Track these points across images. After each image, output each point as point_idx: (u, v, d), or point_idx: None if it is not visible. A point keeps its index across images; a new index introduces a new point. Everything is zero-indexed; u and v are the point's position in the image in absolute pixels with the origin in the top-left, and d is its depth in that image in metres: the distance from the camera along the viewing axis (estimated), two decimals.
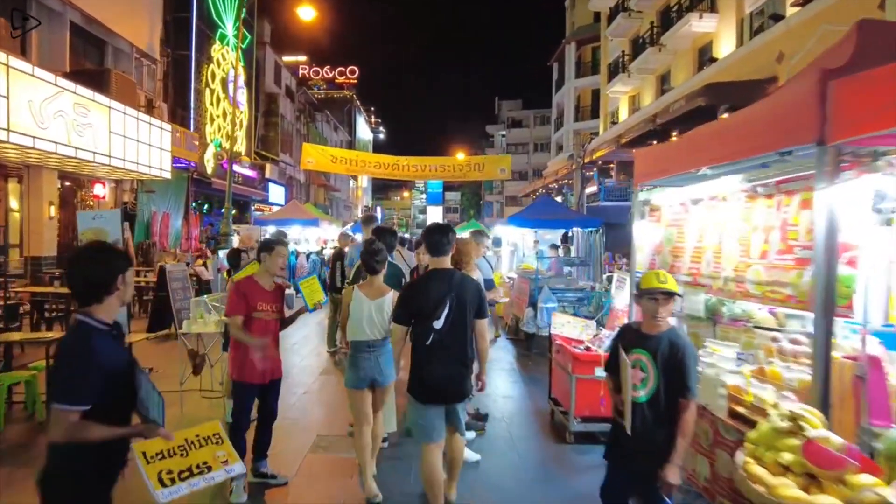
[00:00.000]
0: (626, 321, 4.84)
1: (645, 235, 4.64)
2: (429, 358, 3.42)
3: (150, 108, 17.04)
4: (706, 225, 3.98)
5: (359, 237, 9.00)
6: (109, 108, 12.26)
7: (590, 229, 10.80)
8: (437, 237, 3.61)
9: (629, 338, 3.00)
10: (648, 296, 2.87)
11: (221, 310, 6.23)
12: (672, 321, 3.87)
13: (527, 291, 7.87)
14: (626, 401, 2.83)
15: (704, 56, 19.65)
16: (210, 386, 6.54)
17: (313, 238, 18.70)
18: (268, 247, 4.34)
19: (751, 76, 14.81)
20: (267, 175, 27.41)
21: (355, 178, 56.26)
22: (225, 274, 13.88)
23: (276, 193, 28.61)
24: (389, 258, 4.37)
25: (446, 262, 3.62)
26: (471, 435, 4.97)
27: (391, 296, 3.89)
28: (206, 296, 7.32)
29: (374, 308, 3.87)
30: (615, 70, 27.14)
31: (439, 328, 3.38)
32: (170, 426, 2.29)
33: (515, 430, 5.60)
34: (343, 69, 58.21)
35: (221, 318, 5.97)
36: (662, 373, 2.81)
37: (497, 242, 10.65)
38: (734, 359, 3.48)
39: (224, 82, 22.28)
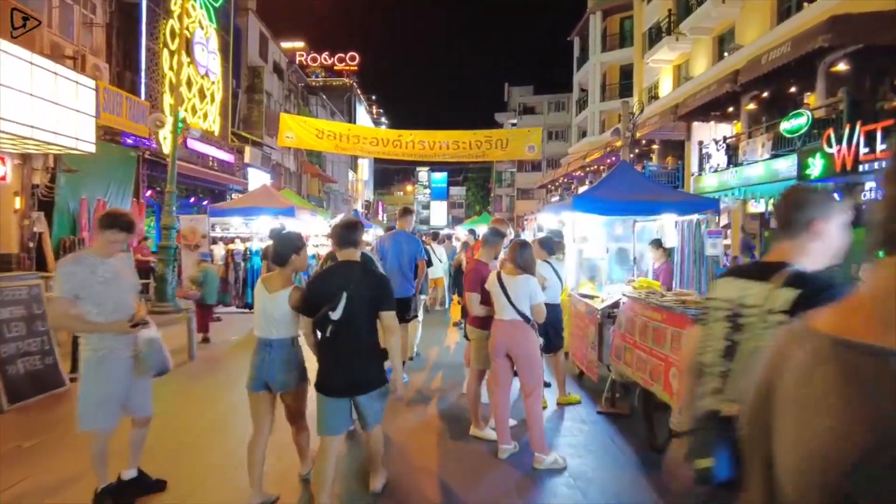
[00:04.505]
0: None
1: None
2: (327, 349, 3.37)
3: (78, 65, 13.12)
4: None
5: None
6: None
7: (698, 216, 6.79)
8: (343, 231, 3.60)
9: None
10: None
11: None
12: None
13: (669, 340, 3.83)
14: None
15: (787, 1, 15.57)
16: None
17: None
18: None
19: (883, 7, 10.72)
20: (246, 160, 23.46)
21: (354, 168, 52.33)
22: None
23: (261, 182, 24.58)
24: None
25: (355, 254, 3.58)
26: None
27: (288, 293, 3.49)
28: None
29: (269, 302, 3.48)
30: (656, 36, 23.06)
31: (336, 319, 3.25)
32: None
33: None
34: (343, 55, 54.71)
35: None
36: None
37: (558, 236, 6.62)
38: None
39: (188, 43, 18.27)
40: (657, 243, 6.70)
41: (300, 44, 49.51)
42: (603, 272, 7.42)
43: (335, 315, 3.24)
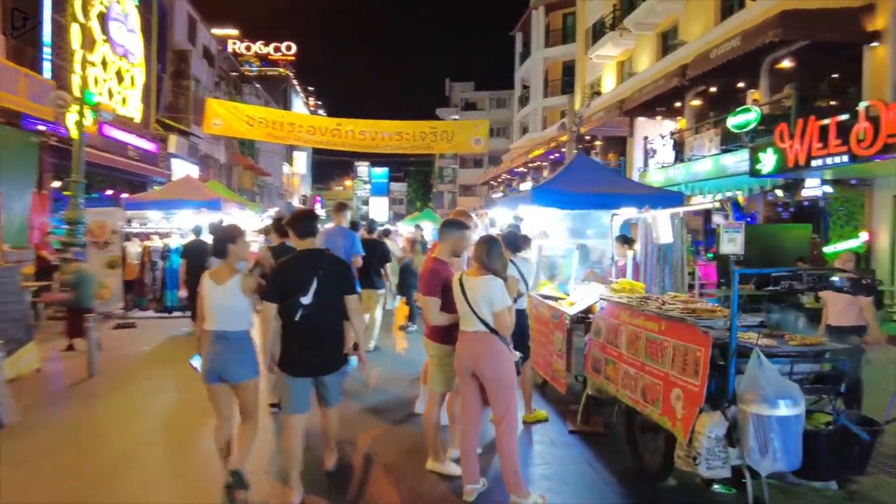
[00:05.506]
0: None
1: None
2: (297, 332, 3.48)
3: None
4: None
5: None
6: None
7: (667, 211, 6.31)
8: (304, 222, 3.72)
9: None
10: None
11: None
12: None
13: (668, 354, 3.22)
14: None
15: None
16: None
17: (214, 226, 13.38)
18: None
19: (828, 5, 10.76)
20: (171, 149, 21.76)
21: (290, 161, 50.44)
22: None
23: (187, 174, 22.90)
24: None
25: (314, 242, 3.69)
26: None
27: (238, 279, 3.50)
28: None
29: (220, 293, 3.48)
30: (600, 32, 23.00)
31: (307, 304, 3.43)
32: None
33: None
34: (279, 45, 52.51)
35: None
36: None
37: (515, 228, 5.99)
38: None
39: (103, 19, 16.57)
40: (623, 239, 6.20)
41: (234, 31, 47.20)
42: (564, 271, 6.86)
43: (306, 300, 3.42)
